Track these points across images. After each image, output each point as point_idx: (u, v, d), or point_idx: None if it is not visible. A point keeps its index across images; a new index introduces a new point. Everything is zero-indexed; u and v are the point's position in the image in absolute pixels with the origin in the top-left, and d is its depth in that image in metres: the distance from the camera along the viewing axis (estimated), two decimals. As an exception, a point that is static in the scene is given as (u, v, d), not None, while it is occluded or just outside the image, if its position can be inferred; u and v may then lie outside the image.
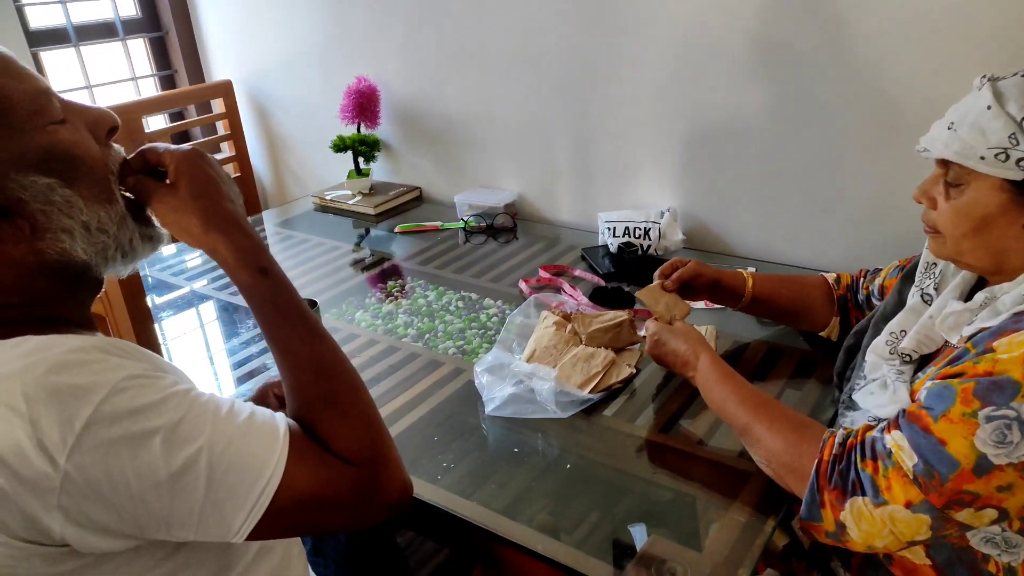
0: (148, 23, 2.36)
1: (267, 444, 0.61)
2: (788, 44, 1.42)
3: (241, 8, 2.26)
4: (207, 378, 1.28)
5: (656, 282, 1.16)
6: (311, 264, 1.73)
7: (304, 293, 1.56)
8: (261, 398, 0.97)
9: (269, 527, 0.60)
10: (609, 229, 1.60)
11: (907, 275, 1.02)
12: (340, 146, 2.04)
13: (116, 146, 0.70)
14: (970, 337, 0.81)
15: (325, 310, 1.49)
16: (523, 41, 1.76)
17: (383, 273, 1.67)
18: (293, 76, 2.26)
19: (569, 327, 1.22)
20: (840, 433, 0.84)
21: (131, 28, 2.32)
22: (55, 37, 2.16)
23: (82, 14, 2.21)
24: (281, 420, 0.64)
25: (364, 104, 2.00)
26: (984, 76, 0.81)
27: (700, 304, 1.39)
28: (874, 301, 1.14)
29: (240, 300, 1.57)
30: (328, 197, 2.09)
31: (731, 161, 1.59)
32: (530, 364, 1.14)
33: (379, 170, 2.21)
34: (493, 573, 1.59)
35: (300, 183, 2.47)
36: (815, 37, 1.39)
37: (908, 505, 0.76)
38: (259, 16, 2.24)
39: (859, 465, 0.80)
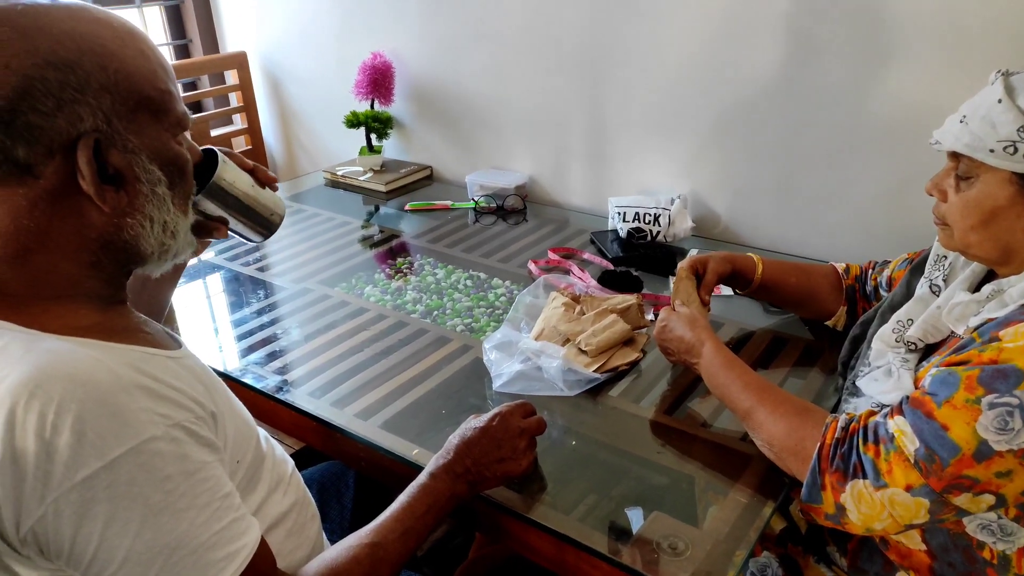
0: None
1: (227, 559, 0.63)
2: (809, 31, 1.42)
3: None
4: (213, 350, 1.29)
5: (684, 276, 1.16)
6: (321, 238, 1.74)
7: (313, 267, 1.58)
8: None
9: None
10: (619, 214, 1.61)
11: (916, 267, 1.03)
12: (353, 122, 2.05)
13: None
14: (976, 328, 0.83)
15: (333, 284, 1.50)
16: (540, 22, 1.76)
17: (392, 250, 1.68)
18: (308, 50, 2.26)
19: (578, 308, 1.23)
20: (843, 418, 0.86)
21: (147, -4, 2.32)
22: None
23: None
24: (249, 545, 0.65)
25: (379, 80, 2.00)
26: (999, 71, 0.82)
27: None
28: (882, 292, 1.15)
29: (250, 271, 1.58)
30: (339, 173, 2.10)
31: (744, 150, 1.60)
32: (538, 342, 1.15)
33: (391, 148, 2.22)
34: (494, 542, 1.61)
35: (311, 158, 2.47)
36: (837, 26, 1.39)
37: (908, 489, 0.77)
38: (275, -11, 2.24)
39: (861, 449, 0.81)
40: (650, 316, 1.29)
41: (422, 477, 0.86)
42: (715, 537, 0.84)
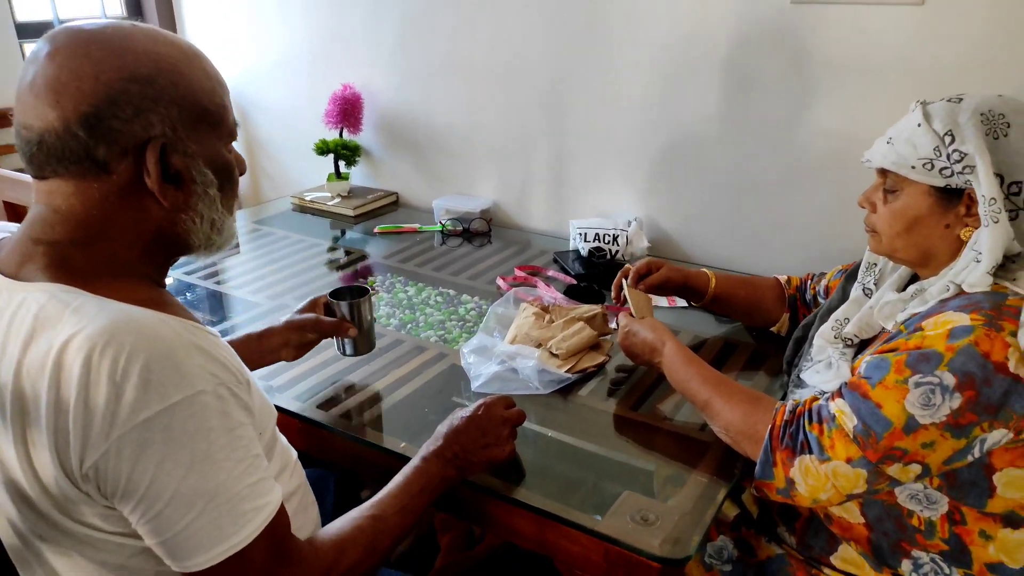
0: (133, 21, 2.41)
1: (256, 512, 0.71)
2: (754, 72, 1.58)
3: (227, 13, 2.34)
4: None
5: (629, 283, 1.29)
6: (292, 259, 1.80)
7: (288, 285, 1.64)
8: (311, 307, 1.21)
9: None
10: (581, 234, 1.72)
11: (850, 275, 1.16)
12: (323, 149, 2.13)
13: None
14: (903, 322, 0.95)
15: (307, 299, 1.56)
16: (505, 57, 1.89)
17: (363, 269, 1.76)
18: (278, 81, 2.34)
19: (547, 317, 1.32)
20: (790, 403, 0.97)
21: (115, 26, 2.37)
22: (42, 30, 2.18)
23: (69, 10, 2.26)
24: (274, 503, 0.73)
25: (348, 110, 2.09)
26: (918, 100, 0.96)
27: (664, 302, 1.52)
28: (820, 299, 1.28)
29: (225, 289, 1.63)
30: (308, 198, 2.16)
31: (695, 177, 1.74)
32: (513, 346, 1.24)
33: (358, 175, 2.29)
34: (454, 520, 1.67)
35: (275, 185, 2.53)
36: (779, 67, 1.55)
37: (848, 461, 0.88)
38: (245, 22, 2.32)
39: (807, 428, 0.92)
40: (613, 325, 1.39)
41: (415, 461, 0.93)
42: (681, 510, 0.94)
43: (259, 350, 1.13)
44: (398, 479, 0.90)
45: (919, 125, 0.92)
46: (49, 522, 0.72)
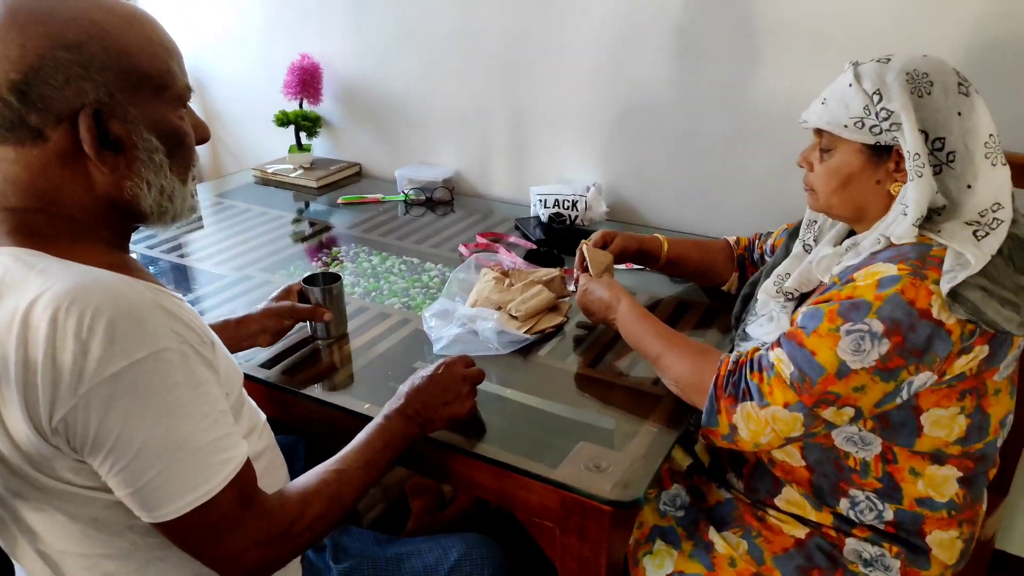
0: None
1: (222, 464, 0.74)
2: (703, 36, 1.61)
3: (181, -17, 2.31)
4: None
5: (587, 244, 1.33)
6: (256, 231, 1.81)
7: (252, 256, 1.65)
8: (285, 294, 1.22)
9: (174, 527, 0.73)
10: (540, 201, 1.75)
11: (792, 232, 1.21)
12: (283, 120, 2.12)
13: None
14: (838, 275, 1.00)
15: (274, 270, 1.58)
16: (462, 24, 1.89)
17: (327, 240, 1.77)
18: (235, 53, 2.31)
19: (507, 281, 1.36)
20: (734, 354, 1.02)
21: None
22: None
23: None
24: (239, 456, 0.76)
25: (307, 80, 2.08)
26: (851, 62, 1.00)
27: (623, 267, 1.56)
28: (766, 258, 1.33)
29: (188, 262, 1.64)
30: (270, 170, 2.16)
31: (649, 142, 1.77)
32: (474, 309, 1.28)
33: (320, 146, 2.29)
34: (425, 484, 1.72)
35: (236, 158, 2.52)
36: (718, 30, 1.59)
37: (786, 405, 0.94)
38: (199, -8, 2.29)
39: (748, 376, 0.97)
40: (571, 287, 1.43)
41: (377, 419, 0.97)
42: (632, 457, 0.99)
43: (237, 336, 1.15)
44: (361, 436, 0.94)
45: (850, 85, 0.96)
46: (23, 479, 0.74)
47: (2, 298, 0.70)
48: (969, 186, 0.93)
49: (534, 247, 1.67)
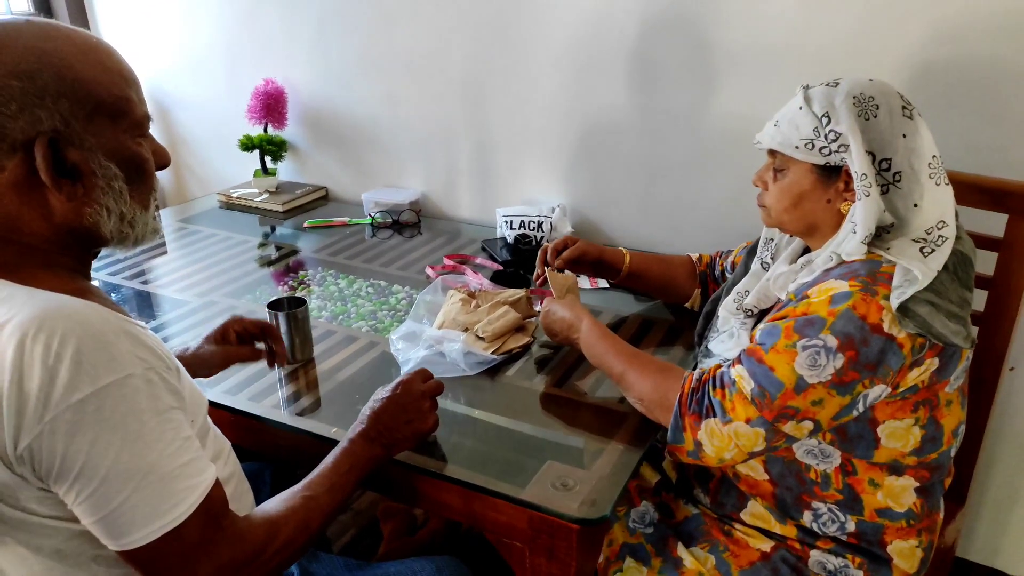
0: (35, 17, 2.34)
1: (190, 490, 0.74)
2: (659, 61, 1.65)
3: (141, 8, 2.30)
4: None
5: (551, 267, 1.36)
6: (220, 256, 1.80)
7: (216, 282, 1.64)
8: (222, 332, 1.16)
9: (139, 555, 0.72)
10: (506, 222, 1.77)
11: (751, 250, 1.24)
12: (248, 145, 2.12)
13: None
14: (794, 292, 1.03)
15: (238, 296, 1.57)
16: (424, 50, 1.92)
17: (293, 264, 1.77)
18: (198, 77, 2.31)
19: (474, 302, 1.37)
20: (697, 372, 1.04)
21: (24, 24, 2.30)
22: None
23: (-27, 7, 2.18)
24: (206, 481, 0.75)
25: (271, 105, 2.08)
26: (802, 85, 1.04)
27: (587, 283, 1.59)
28: (727, 275, 1.36)
29: (151, 288, 1.63)
30: (235, 195, 2.15)
31: (611, 163, 1.81)
32: (440, 331, 1.28)
33: (285, 170, 2.29)
34: (396, 508, 1.71)
35: (201, 183, 2.50)
36: (682, 56, 1.63)
37: (748, 421, 0.96)
38: (160, 18, 2.28)
39: (711, 393, 0.99)
40: (537, 307, 1.45)
41: (342, 443, 0.97)
42: (599, 475, 1.00)
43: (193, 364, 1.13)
44: (327, 460, 0.94)
45: (800, 108, 1.00)
46: None
47: None
48: (916, 204, 0.97)
49: (500, 268, 1.69)
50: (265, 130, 2.15)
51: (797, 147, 1.00)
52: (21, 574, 0.77)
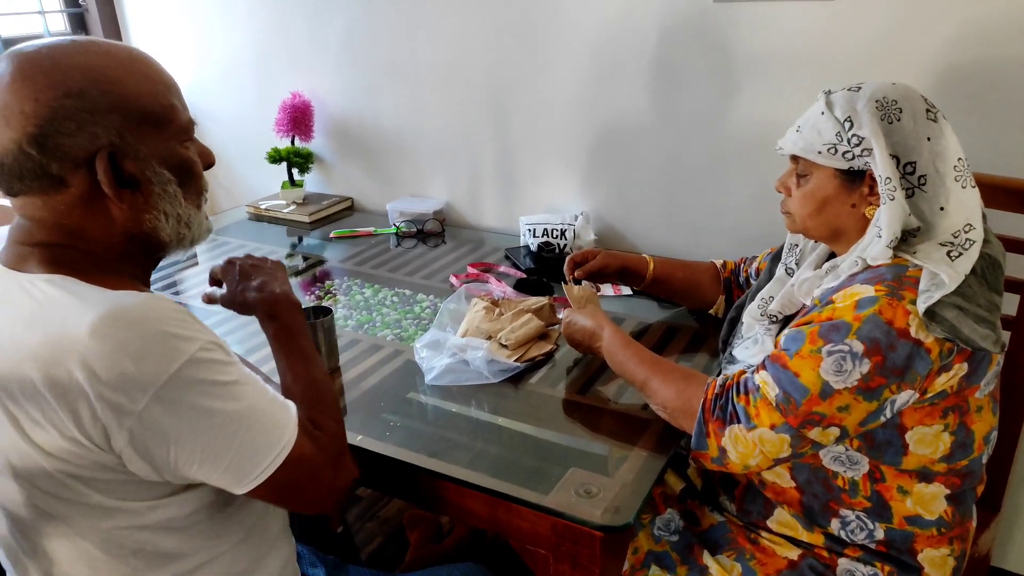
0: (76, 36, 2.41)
1: (287, 416, 0.83)
2: (681, 67, 1.65)
3: (172, 24, 2.35)
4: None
5: (569, 281, 1.37)
6: (250, 266, 1.82)
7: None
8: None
9: (272, 483, 0.80)
10: (530, 230, 1.78)
11: (775, 256, 1.23)
12: (275, 158, 2.15)
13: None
14: (818, 297, 1.02)
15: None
16: (448, 60, 1.94)
17: (321, 274, 1.79)
18: (226, 91, 2.36)
19: (497, 310, 1.38)
20: (720, 378, 1.04)
21: (60, 43, 2.36)
22: (-16, 49, 2.18)
23: (11, 28, 2.25)
24: (293, 406, 0.85)
25: (298, 118, 2.12)
26: (824, 90, 1.03)
27: (610, 291, 1.59)
28: (751, 281, 1.35)
29: (181, 298, 1.66)
30: (263, 207, 2.19)
31: (633, 170, 1.81)
32: (464, 339, 1.29)
33: (312, 181, 2.32)
34: (422, 516, 1.71)
35: (230, 195, 2.55)
36: (704, 62, 1.62)
37: (772, 427, 0.95)
38: (190, 34, 2.33)
39: (735, 400, 0.99)
40: (561, 315, 1.45)
41: (270, 343, 1.01)
42: (623, 482, 1.00)
43: None
44: (279, 363, 0.98)
45: (822, 113, 0.99)
46: (57, 497, 0.77)
47: (44, 321, 0.73)
48: (942, 208, 0.95)
49: (524, 276, 1.69)
50: (292, 143, 2.19)
51: (820, 152, 0.99)
52: (68, 558, 0.81)
